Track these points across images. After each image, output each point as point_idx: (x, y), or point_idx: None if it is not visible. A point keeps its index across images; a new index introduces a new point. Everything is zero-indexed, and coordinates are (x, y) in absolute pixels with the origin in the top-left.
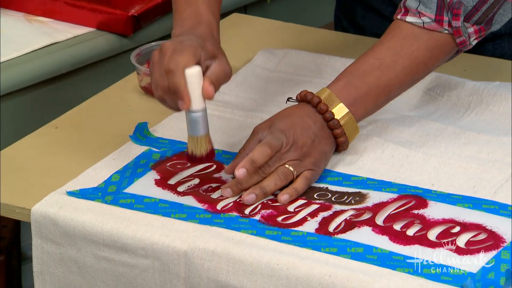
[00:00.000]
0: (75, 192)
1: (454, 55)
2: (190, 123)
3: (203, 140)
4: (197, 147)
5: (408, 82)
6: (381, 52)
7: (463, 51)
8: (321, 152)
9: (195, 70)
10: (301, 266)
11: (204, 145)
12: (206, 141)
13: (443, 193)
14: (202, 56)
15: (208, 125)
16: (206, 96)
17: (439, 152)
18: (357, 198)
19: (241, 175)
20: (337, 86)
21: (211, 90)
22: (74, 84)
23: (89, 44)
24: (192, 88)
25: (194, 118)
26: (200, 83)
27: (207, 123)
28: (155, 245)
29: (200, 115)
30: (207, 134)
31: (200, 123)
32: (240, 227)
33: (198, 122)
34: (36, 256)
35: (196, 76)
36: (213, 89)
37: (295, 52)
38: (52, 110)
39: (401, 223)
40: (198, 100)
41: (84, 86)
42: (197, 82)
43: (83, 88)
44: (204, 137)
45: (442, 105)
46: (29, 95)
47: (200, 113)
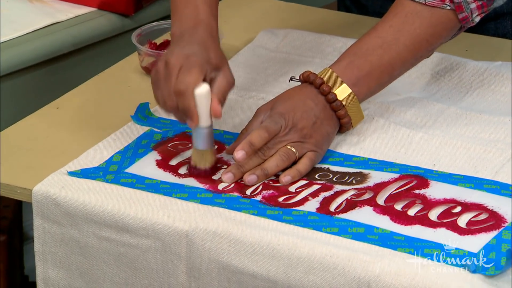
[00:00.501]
0: (76, 172)
1: (457, 32)
2: (197, 137)
3: (208, 154)
4: (201, 160)
5: (411, 60)
6: (383, 30)
7: (466, 28)
8: (323, 134)
9: (204, 90)
10: (302, 246)
11: (208, 158)
12: (211, 155)
13: (445, 173)
14: (208, 70)
15: (213, 139)
16: (215, 116)
17: (440, 133)
18: (359, 178)
19: (240, 157)
20: (340, 66)
21: (219, 110)
22: (75, 65)
23: (90, 24)
24: (200, 107)
25: (201, 134)
26: (208, 101)
27: (212, 138)
28: (157, 225)
29: (207, 131)
30: (212, 148)
31: (207, 139)
32: (241, 207)
33: (204, 137)
34: (37, 236)
35: (205, 96)
36: (221, 108)
37: (297, 32)
38: (53, 91)
39: (402, 203)
40: (206, 117)
41: (85, 66)
42: (206, 101)
43: (84, 69)
44: (209, 151)
45: (444, 86)
46: (29, 76)
47: (208, 129)
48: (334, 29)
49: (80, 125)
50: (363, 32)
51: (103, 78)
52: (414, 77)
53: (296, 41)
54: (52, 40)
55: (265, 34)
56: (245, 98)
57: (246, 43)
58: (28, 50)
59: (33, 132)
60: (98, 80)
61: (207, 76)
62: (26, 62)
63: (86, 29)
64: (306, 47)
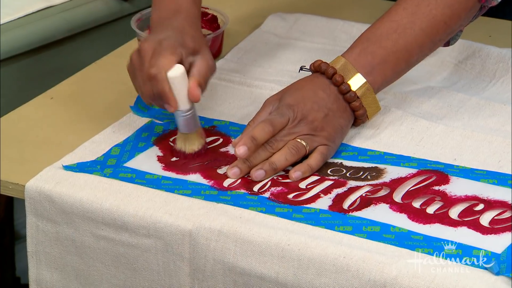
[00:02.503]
0: (72, 166)
1: (478, 13)
2: (180, 122)
3: (194, 136)
4: (187, 144)
5: (428, 45)
6: (397, 13)
7: (487, 8)
8: (336, 126)
9: (177, 71)
10: (314, 246)
11: (194, 141)
12: (196, 137)
13: (466, 168)
14: (183, 54)
15: (198, 120)
16: (192, 99)
17: (461, 125)
18: (374, 174)
19: (242, 154)
20: (353, 54)
21: (197, 93)
22: (71, 51)
23: (86, 7)
24: (177, 90)
25: (183, 118)
26: (185, 83)
27: (197, 119)
28: (158, 224)
29: (189, 115)
30: (198, 130)
31: (189, 121)
32: (249, 204)
33: (187, 121)
34: (30, 235)
35: (180, 78)
36: (200, 91)
37: (308, 17)
38: (47, 79)
39: (420, 200)
40: (185, 100)
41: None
42: (181, 83)
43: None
44: (195, 133)
45: (465, 74)
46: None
47: (189, 113)
48: (347, 14)
49: (76, 116)
50: (378, 17)
51: (101, 66)
52: (433, 65)
53: (307, 26)
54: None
55: (273, 19)
56: (252, 87)
57: (253, 28)
58: (20, 35)
59: (25, 123)
60: (95, 68)
61: (184, 60)
62: (18, 48)
63: (82, 13)
64: (318, 33)
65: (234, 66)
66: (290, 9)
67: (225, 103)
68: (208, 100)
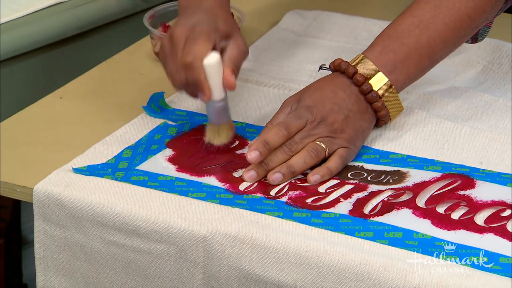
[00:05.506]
0: (82, 168)
1: (504, 6)
2: (211, 112)
3: (225, 128)
4: (217, 135)
5: (453, 40)
6: (419, 8)
7: None
8: (356, 128)
9: (213, 60)
10: (333, 253)
11: (225, 133)
12: (227, 129)
13: (493, 172)
14: (216, 39)
15: (229, 112)
16: (228, 87)
17: (488, 127)
18: (396, 177)
19: (253, 159)
20: (374, 52)
21: (233, 81)
22: (81, 49)
23: (98, 4)
24: (212, 79)
25: (215, 108)
26: (220, 72)
27: (228, 111)
28: (171, 229)
29: (222, 105)
30: (229, 121)
31: (222, 112)
32: (265, 209)
33: (219, 111)
34: (38, 240)
35: (215, 66)
36: (234, 78)
37: (328, 14)
38: (57, 78)
39: (445, 205)
40: (219, 90)
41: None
42: (217, 71)
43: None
44: (225, 125)
45: (492, 75)
46: (30, 61)
47: (222, 103)
48: (368, 11)
49: (86, 117)
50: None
51: (112, 65)
52: (458, 64)
53: (327, 24)
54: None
55: (292, 16)
56: (269, 87)
57: (271, 26)
58: (29, 33)
59: (34, 124)
60: (106, 67)
61: (217, 45)
62: (27, 46)
63: (93, 10)
64: (338, 30)
65: (250, 65)
66: (309, 6)
67: (241, 103)
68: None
